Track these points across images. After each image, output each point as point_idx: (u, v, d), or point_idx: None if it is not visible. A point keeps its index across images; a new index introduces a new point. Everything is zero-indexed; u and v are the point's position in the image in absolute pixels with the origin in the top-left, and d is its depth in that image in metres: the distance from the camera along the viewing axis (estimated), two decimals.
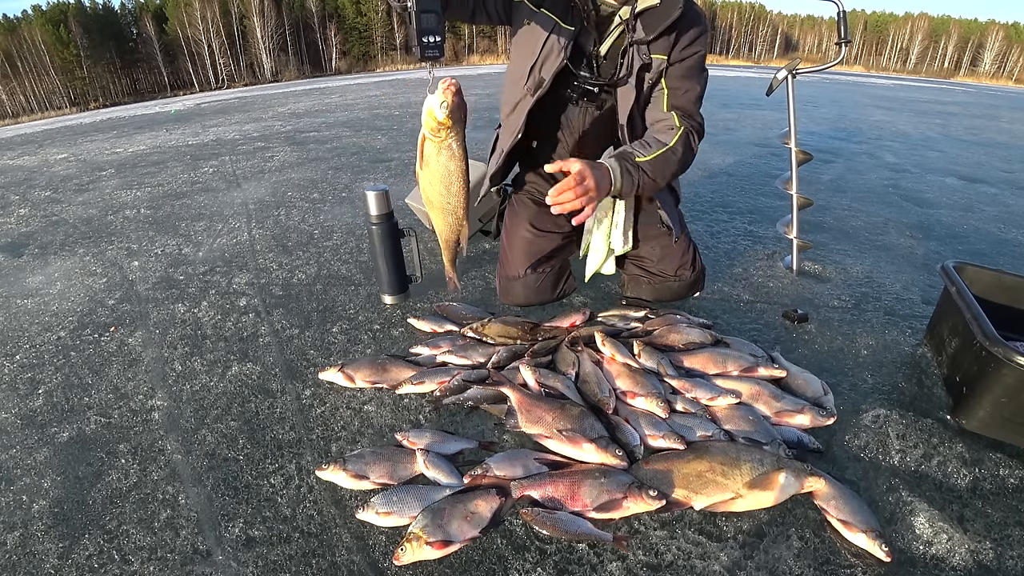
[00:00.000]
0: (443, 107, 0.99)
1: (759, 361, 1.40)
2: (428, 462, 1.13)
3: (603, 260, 1.62)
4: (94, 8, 41.20)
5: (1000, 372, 1.14)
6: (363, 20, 47.18)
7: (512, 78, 1.54)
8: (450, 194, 1.10)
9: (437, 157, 1.06)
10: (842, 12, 1.73)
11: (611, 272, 1.69)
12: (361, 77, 21.50)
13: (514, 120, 1.54)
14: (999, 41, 52.34)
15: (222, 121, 7.09)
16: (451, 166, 1.06)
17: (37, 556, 1.01)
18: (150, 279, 2.16)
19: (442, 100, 0.99)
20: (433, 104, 1.00)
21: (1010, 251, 2.43)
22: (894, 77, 27.44)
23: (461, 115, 1.02)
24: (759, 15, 61.35)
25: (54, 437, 1.31)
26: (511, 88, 1.54)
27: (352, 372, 1.42)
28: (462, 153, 1.06)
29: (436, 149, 1.05)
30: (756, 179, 3.49)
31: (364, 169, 3.84)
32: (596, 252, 1.61)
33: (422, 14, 1.01)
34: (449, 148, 1.04)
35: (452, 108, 1.00)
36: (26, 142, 6.83)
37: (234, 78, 41.56)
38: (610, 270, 1.69)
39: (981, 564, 0.95)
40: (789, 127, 1.90)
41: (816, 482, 1.04)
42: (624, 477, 1.06)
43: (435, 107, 1.00)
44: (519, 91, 1.50)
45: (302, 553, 0.99)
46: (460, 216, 1.16)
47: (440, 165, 1.06)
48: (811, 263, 2.16)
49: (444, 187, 1.09)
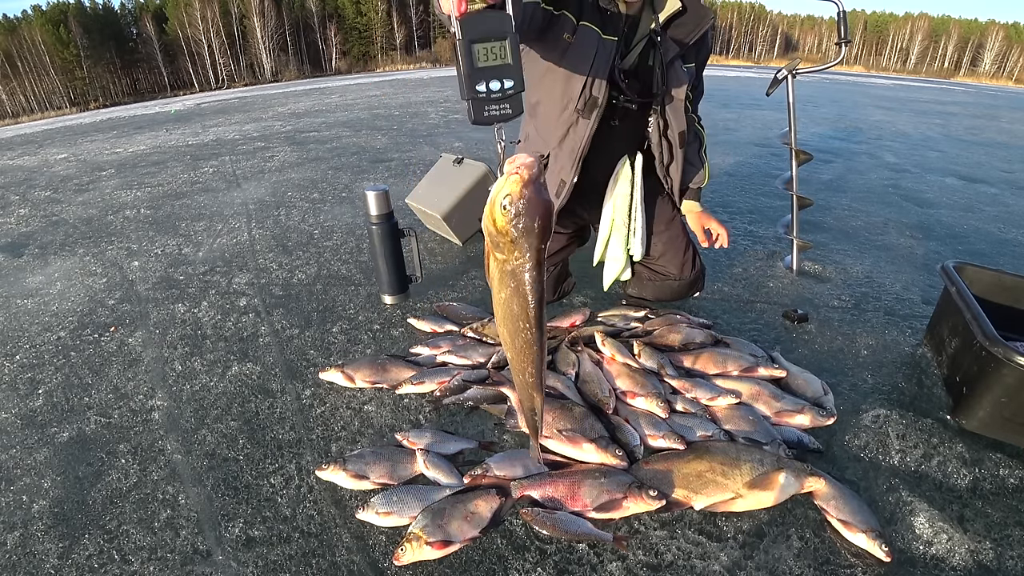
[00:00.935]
0: (507, 204, 0.60)
1: (759, 361, 1.40)
2: (428, 462, 1.13)
3: (622, 268, 1.62)
4: (94, 8, 41.22)
5: (1000, 372, 1.14)
6: (363, 20, 47.18)
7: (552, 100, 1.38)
8: (515, 348, 0.73)
9: (500, 285, 0.68)
10: (842, 12, 1.73)
11: (628, 278, 1.70)
12: (361, 77, 21.53)
13: (571, 146, 1.40)
14: (999, 41, 52.33)
15: (222, 121, 7.10)
16: (514, 306, 0.68)
17: (37, 556, 1.01)
18: (150, 279, 2.16)
19: (507, 193, 0.60)
20: (496, 195, 0.62)
21: (1010, 251, 2.43)
22: (894, 77, 27.45)
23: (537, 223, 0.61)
24: (759, 15, 61.36)
25: (54, 437, 1.31)
26: (552, 111, 1.38)
27: (352, 372, 1.42)
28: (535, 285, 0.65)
29: (499, 271, 0.67)
30: (756, 179, 3.49)
31: (364, 169, 3.84)
32: (615, 260, 1.61)
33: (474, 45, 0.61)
34: (514, 276, 0.65)
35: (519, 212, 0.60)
36: (26, 142, 6.84)
37: (234, 78, 41.56)
38: (627, 276, 1.69)
39: (981, 564, 0.95)
40: (789, 127, 1.90)
41: (816, 482, 1.04)
42: (624, 477, 1.06)
43: (496, 201, 0.62)
44: (568, 115, 1.36)
45: (302, 553, 0.99)
46: (527, 380, 0.77)
47: (502, 299, 0.69)
48: (811, 263, 2.15)
49: (507, 331, 0.73)
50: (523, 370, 0.76)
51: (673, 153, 1.49)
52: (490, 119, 0.62)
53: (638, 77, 1.39)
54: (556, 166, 1.45)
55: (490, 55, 0.61)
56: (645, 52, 1.37)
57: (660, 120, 1.45)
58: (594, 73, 1.31)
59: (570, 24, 1.28)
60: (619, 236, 1.57)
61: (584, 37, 1.29)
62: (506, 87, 0.63)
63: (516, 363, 0.76)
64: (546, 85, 1.38)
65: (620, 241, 1.57)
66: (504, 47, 0.62)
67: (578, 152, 1.40)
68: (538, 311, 0.67)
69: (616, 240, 1.58)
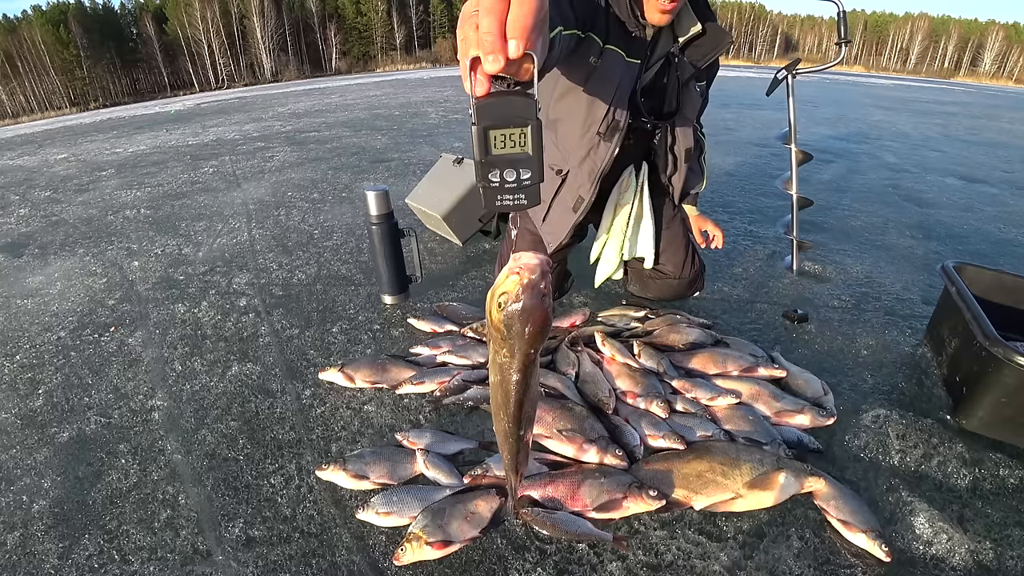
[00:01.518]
0: (502, 303, 0.59)
1: (759, 361, 1.40)
2: (428, 462, 1.13)
3: (614, 269, 1.64)
4: (94, 8, 41.23)
5: (1000, 372, 1.14)
6: (363, 20, 47.20)
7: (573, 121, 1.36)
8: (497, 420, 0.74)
9: (490, 368, 0.68)
10: (842, 12, 1.73)
11: (619, 277, 1.73)
12: (361, 77, 21.53)
13: (590, 166, 1.40)
14: (999, 41, 52.34)
15: (222, 121, 7.10)
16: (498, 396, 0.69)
17: (37, 556, 1.01)
18: (150, 279, 2.16)
19: (503, 291, 0.59)
20: (496, 288, 0.61)
21: (1010, 251, 2.43)
22: (894, 77, 27.45)
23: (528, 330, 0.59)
24: (759, 15, 61.36)
25: (54, 437, 1.31)
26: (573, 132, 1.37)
27: (352, 372, 1.42)
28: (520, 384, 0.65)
29: (492, 358, 0.67)
30: (756, 179, 3.49)
31: (364, 169, 3.84)
32: (608, 263, 1.63)
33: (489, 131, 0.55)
34: (501, 369, 0.65)
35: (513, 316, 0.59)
36: (26, 142, 6.84)
37: (234, 78, 41.57)
38: (618, 276, 1.72)
39: (981, 564, 0.95)
40: (789, 127, 1.90)
41: (816, 482, 1.04)
42: (624, 477, 1.06)
43: (493, 296, 0.61)
44: (590, 137, 1.36)
45: (302, 553, 0.99)
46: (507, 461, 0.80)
47: (493, 384, 0.69)
48: (811, 263, 2.15)
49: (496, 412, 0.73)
50: (501, 447, 0.77)
51: (678, 165, 1.52)
52: (503, 209, 0.59)
53: (653, 96, 1.39)
54: (575, 183, 1.46)
55: (507, 143, 0.56)
56: (661, 71, 1.37)
57: (668, 136, 1.47)
58: (618, 98, 1.30)
59: (596, 47, 1.24)
60: (616, 241, 1.59)
61: (609, 62, 1.27)
62: (522, 178, 0.57)
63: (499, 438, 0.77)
64: (568, 105, 1.36)
65: (616, 246, 1.60)
66: (524, 135, 0.56)
67: (598, 172, 1.40)
68: (517, 410, 0.67)
69: (612, 244, 1.60)
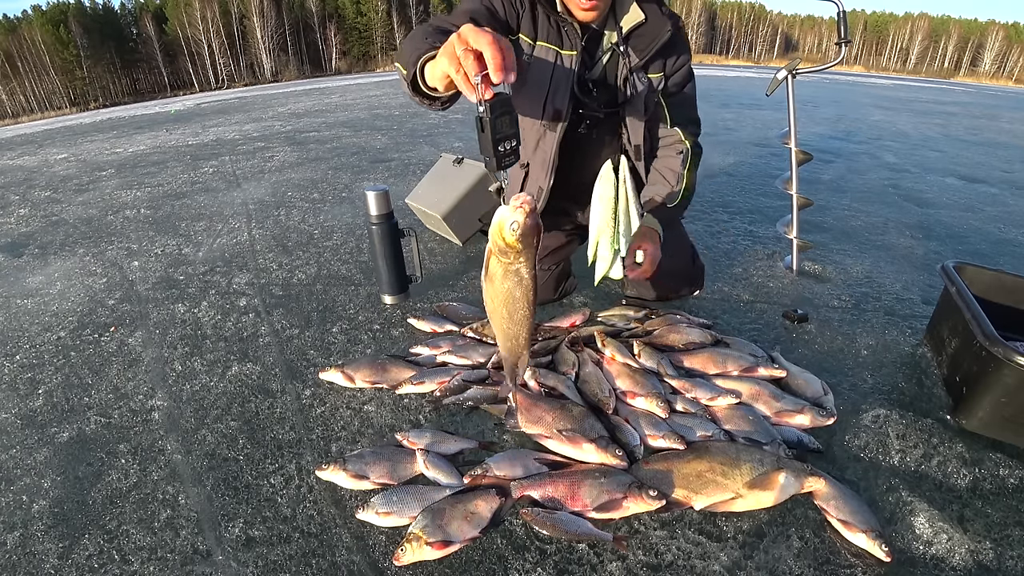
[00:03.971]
0: (513, 228, 0.86)
1: (759, 361, 1.40)
2: (428, 462, 1.13)
3: (610, 265, 1.64)
4: (94, 8, 41.23)
5: (1000, 372, 1.14)
6: (363, 20, 47.20)
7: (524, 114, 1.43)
8: (513, 321, 1.00)
9: (502, 280, 0.95)
10: (842, 12, 1.73)
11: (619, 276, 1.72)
12: (361, 77, 21.53)
13: (542, 156, 1.49)
14: (999, 41, 52.36)
15: (222, 121, 7.10)
16: (516, 293, 0.95)
17: (37, 556, 1.01)
18: (150, 279, 2.16)
19: (513, 220, 0.86)
20: (504, 220, 0.87)
21: (1010, 251, 2.43)
22: (894, 77, 27.45)
23: (534, 239, 0.90)
24: (759, 15, 61.37)
25: (54, 437, 1.31)
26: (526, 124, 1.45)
27: (352, 372, 1.42)
28: (531, 280, 0.95)
29: (502, 271, 0.93)
30: (756, 179, 3.49)
31: (364, 169, 3.84)
32: (603, 260, 1.63)
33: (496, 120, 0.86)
34: (516, 274, 0.93)
35: (524, 232, 0.87)
36: (26, 142, 6.84)
37: (234, 78, 41.57)
38: (617, 274, 1.70)
39: (981, 564, 0.95)
40: (789, 127, 1.90)
41: (816, 482, 1.04)
42: (624, 477, 1.06)
43: (505, 225, 0.87)
44: (537, 127, 1.44)
45: (302, 553, 0.99)
46: (520, 343, 1.04)
47: (504, 290, 0.96)
48: (811, 263, 2.15)
49: (507, 311, 0.98)
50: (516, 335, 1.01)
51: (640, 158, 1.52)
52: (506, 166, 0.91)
53: (607, 87, 1.43)
54: (533, 174, 1.52)
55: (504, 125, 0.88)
56: (612, 62, 1.41)
57: (623, 128, 1.48)
58: (554, 88, 1.37)
59: (527, 46, 1.35)
60: (605, 236, 1.59)
61: (541, 55, 1.35)
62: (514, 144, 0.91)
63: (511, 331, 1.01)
64: (518, 101, 1.42)
65: (606, 241, 1.60)
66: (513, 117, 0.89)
67: (549, 162, 1.46)
68: (533, 296, 0.96)
69: (604, 239, 1.60)
